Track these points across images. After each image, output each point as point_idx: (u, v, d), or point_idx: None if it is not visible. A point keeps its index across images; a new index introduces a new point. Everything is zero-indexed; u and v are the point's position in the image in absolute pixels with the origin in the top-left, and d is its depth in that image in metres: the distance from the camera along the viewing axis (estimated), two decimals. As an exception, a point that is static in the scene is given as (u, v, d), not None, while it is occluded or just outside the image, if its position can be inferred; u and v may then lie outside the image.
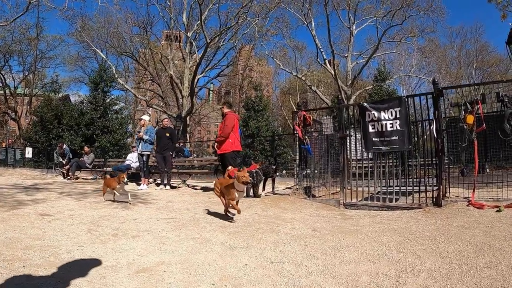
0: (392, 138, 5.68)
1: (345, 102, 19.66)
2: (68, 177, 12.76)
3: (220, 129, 7.80)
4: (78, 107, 23.94)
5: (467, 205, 4.83)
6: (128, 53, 28.55)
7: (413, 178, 6.29)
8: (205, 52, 23.16)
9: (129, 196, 6.05)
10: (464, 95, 5.61)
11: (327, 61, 26.04)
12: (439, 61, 30.55)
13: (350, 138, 6.56)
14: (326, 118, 7.13)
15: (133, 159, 11.15)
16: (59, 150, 14.32)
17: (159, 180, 9.65)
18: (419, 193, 5.45)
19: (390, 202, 5.63)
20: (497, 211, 4.40)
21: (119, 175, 5.95)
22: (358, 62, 27.33)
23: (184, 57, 26.83)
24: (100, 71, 23.62)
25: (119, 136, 22.38)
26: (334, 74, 25.16)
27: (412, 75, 29.17)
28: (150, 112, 34.71)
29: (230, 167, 6.07)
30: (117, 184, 5.95)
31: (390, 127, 5.67)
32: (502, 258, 2.69)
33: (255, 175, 6.64)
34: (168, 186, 9.02)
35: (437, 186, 5.36)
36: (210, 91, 42.69)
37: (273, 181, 7.71)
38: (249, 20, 22.81)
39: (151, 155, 9.78)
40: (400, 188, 5.94)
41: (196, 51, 26.37)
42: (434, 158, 5.68)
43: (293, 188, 7.47)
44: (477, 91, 6.70)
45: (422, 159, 6.53)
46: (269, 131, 26.44)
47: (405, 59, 29.08)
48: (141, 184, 9.18)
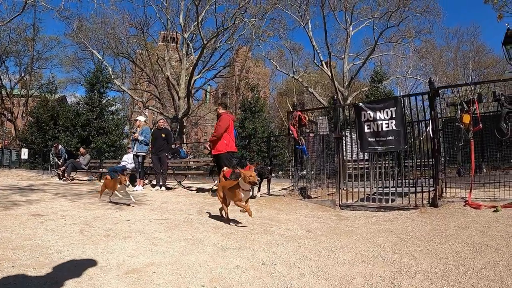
0: (388, 138, 5.64)
1: (341, 102, 19.62)
2: (64, 178, 12.67)
3: (214, 129, 7.78)
4: (74, 108, 23.90)
5: (464, 205, 4.78)
6: (125, 54, 28.55)
7: (409, 178, 6.24)
8: (201, 53, 23.14)
9: (131, 198, 5.98)
10: (461, 95, 5.58)
11: (324, 62, 26.09)
12: (435, 62, 30.71)
13: (345, 139, 6.52)
14: (321, 118, 7.08)
15: (128, 160, 11.07)
16: (54, 151, 14.28)
17: (154, 181, 9.59)
18: (415, 193, 5.42)
19: (386, 202, 5.59)
20: (494, 211, 4.35)
21: (120, 177, 5.86)
22: (355, 64, 27.31)
23: (181, 58, 26.84)
24: (96, 72, 23.59)
25: (115, 137, 22.34)
26: (331, 75, 25.16)
27: (408, 76, 29.32)
28: (147, 113, 34.65)
29: (225, 167, 6.03)
30: (117, 185, 5.88)
31: (386, 127, 5.64)
32: (500, 258, 2.64)
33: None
34: (163, 187, 8.96)
35: (433, 187, 5.32)
36: (207, 93, 42.65)
37: (268, 182, 7.66)
38: (245, 21, 22.83)
39: (146, 156, 9.72)
40: (396, 188, 5.89)
41: (192, 52, 26.37)
42: (431, 158, 5.64)
43: (288, 189, 7.42)
44: (473, 92, 6.67)
45: (419, 160, 6.50)
46: (265, 133, 26.42)
47: (401, 60, 29.28)
48: (136, 185, 9.11)
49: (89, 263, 2.77)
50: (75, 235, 3.67)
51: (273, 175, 8.51)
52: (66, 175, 12.71)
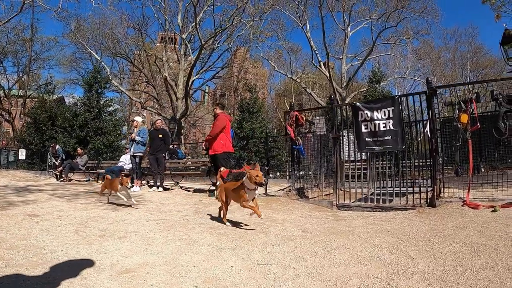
0: (385, 138, 5.61)
1: (339, 103, 19.62)
2: (61, 179, 12.63)
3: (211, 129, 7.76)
4: (72, 108, 23.85)
5: (462, 205, 4.76)
6: (123, 54, 28.51)
7: (407, 178, 6.22)
8: (199, 53, 23.11)
9: (132, 199, 5.92)
10: (459, 95, 5.55)
11: (322, 63, 26.06)
12: (433, 63, 30.80)
13: (343, 139, 6.49)
14: (318, 118, 7.05)
15: (126, 161, 11.02)
16: (52, 151, 14.26)
17: (152, 181, 9.55)
18: (413, 193, 5.38)
19: (383, 203, 5.56)
20: (492, 211, 4.33)
21: (122, 178, 5.80)
22: (353, 64, 27.34)
23: (179, 59, 26.81)
24: (94, 73, 23.56)
25: (113, 138, 22.31)
26: (329, 76, 25.16)
27: (406, 77, 29.33)
28: (145, 114, 34.63)
29: (222, 168, 5.99)
30: (119, 186, 5.82)
31: (383, 127, 5.61)
32: (498, 259, 2.61)
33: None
34: (160, 188, 8.92)
35: (431, 187, 5.29)
36: (205, 93, 42.64)
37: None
38: (244, 22, 22.82)
39: (144, 156, 9.68)
40: (394, 189, 5.86)
41: (191, 53, 26.40)
42: (428, 158, 5.62)
43: (285, 190, 7.38)
44: (471, 92, 6.66)
45: (416, 160, 6.48)
46: (263, 133, 26.42)
47: (399, 61, 29.31)
48: (133, 185, 9.06)
49: (82, 263, 2.74)
50: (70, 235, 3.64)
51: (270, 175, 8.47)
52: (63, 175, 12.68)
